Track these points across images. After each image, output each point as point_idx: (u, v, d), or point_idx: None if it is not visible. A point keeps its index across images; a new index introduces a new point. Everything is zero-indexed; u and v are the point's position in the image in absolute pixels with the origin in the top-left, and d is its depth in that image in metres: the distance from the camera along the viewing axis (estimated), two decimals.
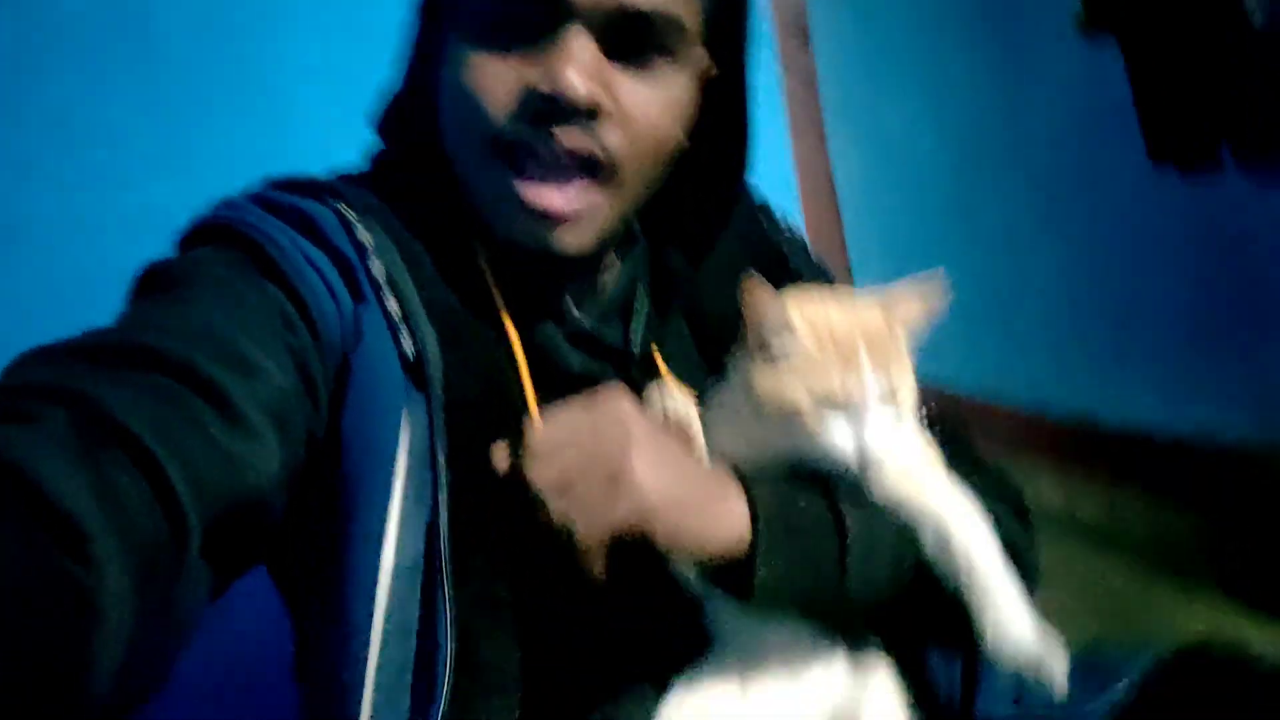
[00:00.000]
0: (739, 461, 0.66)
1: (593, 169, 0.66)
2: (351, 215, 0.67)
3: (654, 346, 0.77)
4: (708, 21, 0.71)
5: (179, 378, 0.50)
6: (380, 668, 0.59)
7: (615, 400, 0.62)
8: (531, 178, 0.65)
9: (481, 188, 0.69)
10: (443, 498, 0.60)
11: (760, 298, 0.65)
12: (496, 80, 0.64)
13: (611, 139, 0.66)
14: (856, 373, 0.63)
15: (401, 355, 0.63)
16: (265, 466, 0.52)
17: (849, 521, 0.64)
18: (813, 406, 0.63)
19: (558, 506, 0.57)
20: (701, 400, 0.72)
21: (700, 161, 0.78)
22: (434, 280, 0.69)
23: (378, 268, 0.65)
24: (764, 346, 0.67)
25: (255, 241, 0.62)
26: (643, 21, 0.65)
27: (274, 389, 0.55)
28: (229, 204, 0.67)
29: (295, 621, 0.71)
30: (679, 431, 0.67)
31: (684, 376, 0.75)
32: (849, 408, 0.63)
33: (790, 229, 0.89)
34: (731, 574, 0.62)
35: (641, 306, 0.77)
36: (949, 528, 0.64)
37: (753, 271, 0.64)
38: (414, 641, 0.59)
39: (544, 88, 0.62)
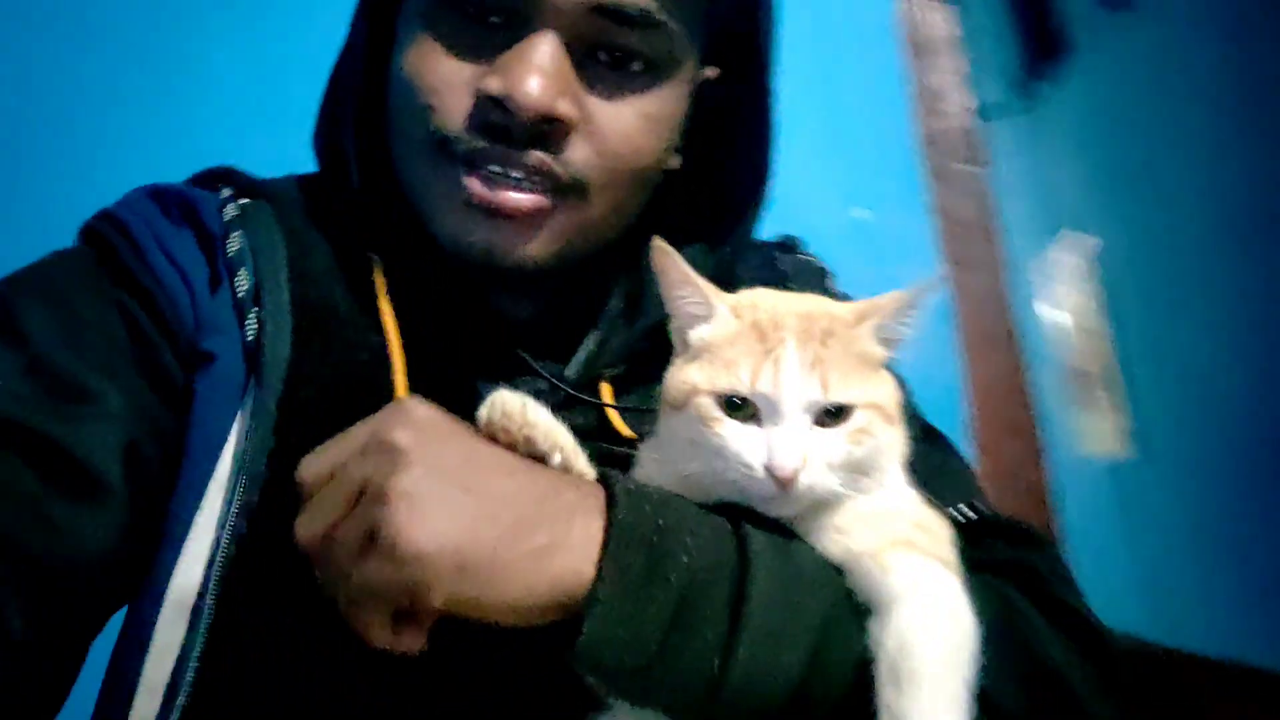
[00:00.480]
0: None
1: (554, 187, 0.58)
2: (227, 195, 0.62)
3: (603, 383, 0.63)
4: (706, 28, 0.62)
5: (9, 445, 0.48)
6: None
7: (395, 419, 0.46)
8: (483, 178, 0.57)
9: (423, 185, 0.61)
10: (232, 510, 0.51)
11: (672, 266, 0.51)
12: (449, 77, 0.58)
13: (577, 156, 0.58)
14: (774, 364, 0.46)
15: (244, 341, 0.56)
16: (104, 523, 0.50)
17: (755, 577, 0.44)
18: (710, 403, 0.47)
19: (320, 570, 0.45)
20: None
21: (713, 176, 0.68)
22: (321, 277, 0.61)
23: (236, 244, 0.59)
24: (683, 339, 0.52)
25: (106, 239, 0.60)
26: (620, 24, 0.57)
27: (117, 421, 0.52)
28: (122, 199, 0.64)
29: None
30: (526, 450, 0.49)
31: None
32: (756, 408, 0.46)
33: (810, 256, 0.73)
34: (563, 625, 0.44)
35: (593, 340, 0.64)
36: (893, 606, 0.42)
37: (658, 238, 0.51)
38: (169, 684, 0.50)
39: (497, 91, 0.55)
